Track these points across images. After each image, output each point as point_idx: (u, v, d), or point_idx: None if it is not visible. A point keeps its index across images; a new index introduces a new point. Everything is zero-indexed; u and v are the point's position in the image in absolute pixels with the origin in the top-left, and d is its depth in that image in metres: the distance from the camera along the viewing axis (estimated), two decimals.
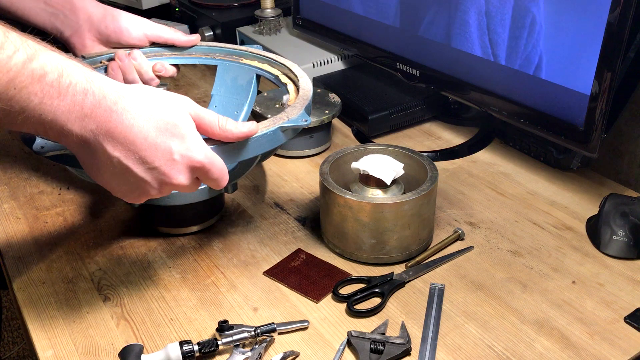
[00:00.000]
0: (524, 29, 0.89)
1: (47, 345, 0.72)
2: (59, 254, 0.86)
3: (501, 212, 0.93)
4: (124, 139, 0.60)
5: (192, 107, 0.65)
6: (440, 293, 0.78)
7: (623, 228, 0.84)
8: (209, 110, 0.66)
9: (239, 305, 0.77)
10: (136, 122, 0.60)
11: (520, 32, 0.90)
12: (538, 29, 0.88)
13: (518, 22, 0.90)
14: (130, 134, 0.60)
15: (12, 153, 1.10)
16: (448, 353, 0.70)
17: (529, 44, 0.90)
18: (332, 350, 0.71)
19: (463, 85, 1.02)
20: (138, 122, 0.60)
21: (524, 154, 1.06)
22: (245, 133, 0.68)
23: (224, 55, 0.95)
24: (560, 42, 0.86)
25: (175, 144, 0.62)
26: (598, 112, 0.84)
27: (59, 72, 0.56)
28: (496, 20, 0.92)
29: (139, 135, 0.60)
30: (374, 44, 1.17)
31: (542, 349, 0.71)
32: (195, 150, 0.63)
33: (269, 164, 1.06)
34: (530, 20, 0.88)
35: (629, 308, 0.76)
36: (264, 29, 1.34)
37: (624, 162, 1.02)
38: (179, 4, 1.51)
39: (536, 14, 0.87)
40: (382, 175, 0.82)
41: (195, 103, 0.66)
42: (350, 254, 0.83)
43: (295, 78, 0.86)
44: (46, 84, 0.55)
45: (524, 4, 0.88)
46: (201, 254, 0.86)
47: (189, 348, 0.68)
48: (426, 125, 1.17)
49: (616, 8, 0.77)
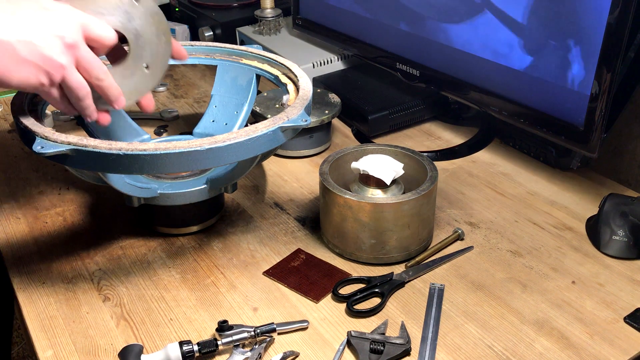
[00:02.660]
0: (524, 28, 0.89)
1: (47, 345, 0.72)
2: (59, 254, 0.86)
3: (501, 212, 0.93)
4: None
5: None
6: (440, 293, 0.78)
7: (623, 228, 0.84)
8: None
9: (239, 305, 0.77)
10: None
11: (521, 32, 0.90)
12: (538, 29, 0.88)
13: (518, 22, 0.90)
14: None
15: (12, 153, 1.10)
16: (448, 353, 0.70)
17: (529, 43, 0.90)
18: (331, 351, 0.71)
19: (463, 85, 1.02)
20: None
21: (524, 154, 1.06)
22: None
23: (224, 55, 0.95)
24: (560, 42, 0.86)
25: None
26: (598, 112, 0.84)
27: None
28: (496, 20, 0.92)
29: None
30: (374, 44, 1.17)
31: (542, 349, 0.71)
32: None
33: (269, 164, 1.06)
34: (530, 20, 0.88)
35: (629, 308, 0.76)
36: (264, 29, 1.34)
37: (624, 162, 1.02)
38: (178, 4, 1.51)
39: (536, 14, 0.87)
40: (382, 175, 0.82)
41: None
42: (350, 254, 0.83)
43: (295, 78, 0.86)
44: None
45: (524, 4, 0.88)
46: (201, 254, 0.86)
47: (188, 348, 0.68)
48: (426, 125, 1.17)
49: (616, 8, 0.77)
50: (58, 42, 0.63)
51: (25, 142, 0.72)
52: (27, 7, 0.62)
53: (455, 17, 0.99)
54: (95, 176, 0.82)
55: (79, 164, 0.70)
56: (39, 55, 0.62)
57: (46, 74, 0.63)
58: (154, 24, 0.73)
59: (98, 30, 0.67)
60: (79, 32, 0.64)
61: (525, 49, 0.90)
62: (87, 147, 0.68)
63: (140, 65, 0.74)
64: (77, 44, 0.64)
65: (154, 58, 0.75)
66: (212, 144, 0.69)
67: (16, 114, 0.74)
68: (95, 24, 0.66)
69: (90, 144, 0.68)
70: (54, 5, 0.64)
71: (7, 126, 1.19)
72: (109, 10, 0.71)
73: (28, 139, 0.71)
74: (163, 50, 0.75)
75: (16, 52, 0.61)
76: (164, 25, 0.74)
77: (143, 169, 0.70)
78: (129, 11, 0.72)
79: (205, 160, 0.70)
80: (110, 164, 0.69)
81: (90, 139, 0.69)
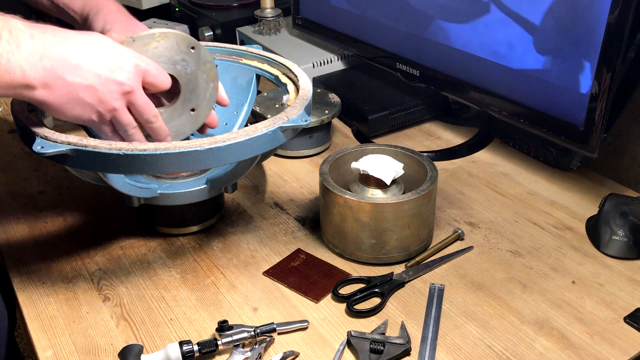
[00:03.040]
0: (524, 28, 0.89)
1: (47, 345, 0.72)
2: (59, 254, 0.86)
3: (501, 212, 0.93)
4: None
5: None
6: (440, 293, 0.78)
7: (623, 228, 0.84)
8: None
9: (239, 305, 0.77)
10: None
11: (521, 32, 0.90)
12: (538, 28, 0.88)
13: (518, 22, 0.90)
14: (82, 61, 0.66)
15: (12, 153, 1.10)
16: (448, 353, 0.70)
17: (529, 43, 0.90)
18: (332, 350, 0.71)
19: (463, 85, 1.02)
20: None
21: (524, 154, 1.06)
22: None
23: (224, 55, 0.95)
24: (560, 42, 0.86)
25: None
26: (598, 112, 0.84)
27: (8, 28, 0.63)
28: (496, 19, 0.92)
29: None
30: (374, 44, 1.17)
31: (542, 349, 0.71)
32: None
33: (269, 164, 1.06)
34: (530, 20, 0.88)
35: (629, 308, 0.76)
36: (264, 29, 1.34)
37: (624, 162, 1.02)
38: (178, 4, 1.51)
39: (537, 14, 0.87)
40: (382, 175, 0.82)
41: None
42: (350, 254, 0.83)
43: (295, 78, 0.86)
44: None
45: (524, 4, 0.88)
46: (201, 254, 0.86)
47: (188, 348, 0.68)
48: (426, 125, 1.17)
49: (616, 8, 0.77)
50: (117, 88, 0.68)
51: (25, 142, 0.72)
52: (98, 51, 0.68)
53: (455, 16, 0.99)
54: (95, 176, 0.82)
55: (79, 164, 0.70)
56: (97, 99, 0.68)
57: (98, 114, 0.69)
58: (206, 72, 0.80)
59: (155, 77, 0.72)
60: (138, 79, 0.70)
61: (525, 49, 0.90)
62: (87, 147, 0.68)
63: (187, 108, 0.80)
64: (133, 90, 0.69)
65: (201, 103, 0.80)
66: (212, 144, 0.69)
67: (16, 114, 0.74)
68: (153, 71, 0.72)
69: (90, 144, 0.68)
70: (120, 51, 0.69)
71: (7, 126, 1.19)
72: (168, 56, 0.77)
73: (28, 139, 0.71)
74: (210, 97, 0.81)
75: (78, 95, 0.67)
76: (214, 73, 0.81)
77: (143, 169, 0.70)
78: (185, 58, 0.78)
79: (205, 160, 0.70)
80: (110, 164, 0.68)
81: (90, 139, 0.69)
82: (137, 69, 0.70)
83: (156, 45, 0.76)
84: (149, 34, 0.76)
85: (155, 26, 1.41)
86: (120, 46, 0.70)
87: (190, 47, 0.78)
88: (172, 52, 0.77)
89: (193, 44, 0.78)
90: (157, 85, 0.73)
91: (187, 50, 0.77)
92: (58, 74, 0.65)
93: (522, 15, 0.89)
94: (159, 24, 1.43)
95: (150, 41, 0.76)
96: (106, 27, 0.81)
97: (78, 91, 0.66)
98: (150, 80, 0.72)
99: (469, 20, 0.97)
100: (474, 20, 0.96)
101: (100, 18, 0.82)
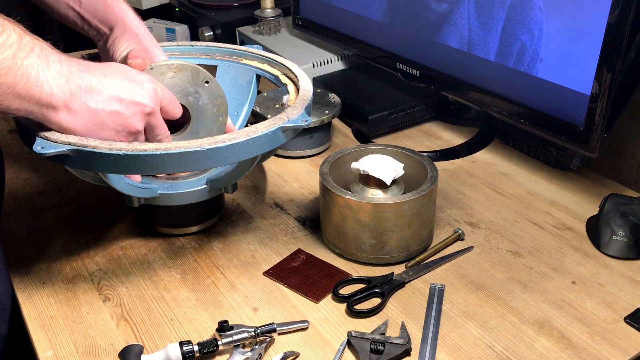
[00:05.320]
0: (524, 28, 0.89)
1: (47, 345, 0.72)
2: (59, 254, 0.86)
3: (501, 212, 0.93)
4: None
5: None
6: (440, 293, 0.78)
7: (623, 228, 0.84)
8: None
9: (239, 306, 0.77)
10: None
11: (520, 31, 0.90)
12: (538, 28, 0.88)
13: (518, 22, 0.90)
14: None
15: (12, 153, 1.10)
16: (448, 353, 0.70)
17: (529, 43, 0.90)
18: (332, 351, 0.71)
19: (463, 85, 1.02)
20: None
21: (524, 154, 1.06)
22: None
23: (224, 55, 0.95)
24: (560, 42, 0.86)
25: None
26: (598, 112, 0.84)
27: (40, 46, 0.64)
28: (497, 20, 0.92)
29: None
30: (374, 44, 1.17)
31: (542, 349, 0.71)
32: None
33: (269, 164, 1.06)
34: (530, 20, 0.88)
35: (629, 308, 0.76)
36: (264, 29, 1.34)
37: (624, 162, 1.02)
38: (178, 4, 1.51)
39: (537, 14, 0.87)
40: (382, 176, 0.82)
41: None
42: (350, 254, 0.83)
43: (295, 78, 0.86)
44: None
45: (524, 4, 0.88)
46: (201, 254, 0.86)
47: (189, 348, 0.68)
48: (426, 125, 1.17)
49: (616, 8, 0.77)
50: (139, 110, 0.70)
51: (25, 142, 0.72)
52: (118, 78, 0.70)
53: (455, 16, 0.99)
54: (96, 176, 0.82)
55: (79, 164, 0.70)
56: (121, 124, 0.70)
57: (122, 136, 0.71)
58: (216, 106, 0.83)
59: (168, 104, 0.75)
60: (157, 102, 0.72)
61: (525, 49, 0.90)
62: (87, 147, 0.68)
63: (194, 139, 0.80)
64: (154, 112, 0.72)
65: (208, 135, 0.82)
66: (212, 144, 0.69)
67: None
68: (167, 98, 0.74)
69: (90, 144, 0.68)
70: (138, 76, 0.72)
71: (7, 126, 1.19)
72: (182, 87, 0.80)
73: (28, 139, 0.71)
74: (217, 130, 0.84)
75: (103, 121, 0.69)
76: (224, 107, 0.83)
77: (143, 169, 0.70)
78: (198, 91, 0.81)
79: (205, 161, 0.70)
80: (110, 164, 0.68)
81: (90, 139, 0.69)
82: (157, 94, 0.72)
83: (172, 76, 0.79)
84: (166, 64, 0.79)
85: (155, 26, 1.42)
86: (139, 72, 0.73)
87: (204, 81, 0.80)
88: (186, 84, 0.80)
89: (207, 78, 0.81)
90: (168, 113, 0.75)
91: (201, 83, 0.80)
92: (82, 100, 0.67)
93: (522, 15, 0.89)
94: (159, 24, 1.43)
95: (167, 71, 0.79)
96: (128, 51, 0.82)
97: (102, 117, 0.68)
98: (164, 107, 0.74)
99: (468, 21, 0.97)
100: (474, 21, 0.96)
101: (124, 40, 0.83)
